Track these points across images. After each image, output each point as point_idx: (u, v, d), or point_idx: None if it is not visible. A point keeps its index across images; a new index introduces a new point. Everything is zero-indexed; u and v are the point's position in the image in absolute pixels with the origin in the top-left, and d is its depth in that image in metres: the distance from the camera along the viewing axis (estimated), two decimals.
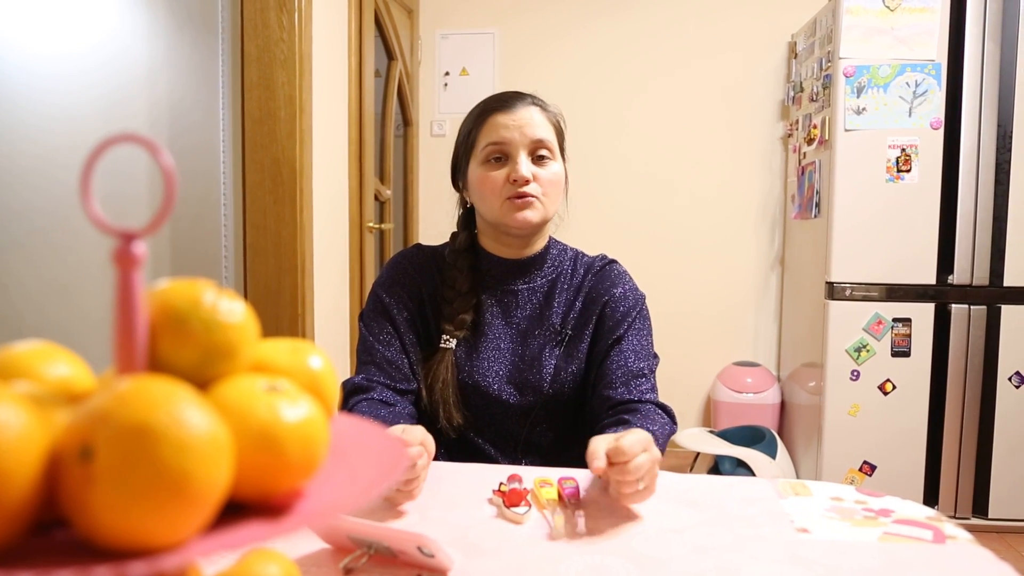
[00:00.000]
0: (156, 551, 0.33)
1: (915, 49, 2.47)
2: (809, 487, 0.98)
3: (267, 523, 0.38)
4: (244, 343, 0.42)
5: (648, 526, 0.86)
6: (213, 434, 0.34)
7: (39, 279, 1.99)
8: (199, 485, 0.33)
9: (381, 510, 0.90)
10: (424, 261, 1.26)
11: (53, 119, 1.95)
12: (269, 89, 2.09)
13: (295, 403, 0.41)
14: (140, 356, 0.38)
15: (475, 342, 1.21)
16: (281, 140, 2.10)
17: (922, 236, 2.51)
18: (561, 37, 3.29)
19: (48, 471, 0.33)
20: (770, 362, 3.27)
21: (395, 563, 0.75)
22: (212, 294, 0.41)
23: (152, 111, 2.11)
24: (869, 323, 2.54)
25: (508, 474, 0.98)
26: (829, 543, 0.82)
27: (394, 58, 3.01)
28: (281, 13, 2.07)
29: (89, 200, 0.36)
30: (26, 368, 0.42)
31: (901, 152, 2.49)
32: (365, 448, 0.46)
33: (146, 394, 0.34)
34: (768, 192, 3.25)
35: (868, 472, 2.58)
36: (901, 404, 2.55)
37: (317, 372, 0.47)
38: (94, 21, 2.05)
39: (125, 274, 0.37)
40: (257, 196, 2.12)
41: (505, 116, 1.17)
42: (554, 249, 1.27)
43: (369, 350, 1.19)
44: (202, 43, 2.09)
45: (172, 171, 0.37)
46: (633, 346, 1.19)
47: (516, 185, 1.15)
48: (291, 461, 0.39)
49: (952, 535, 0.83)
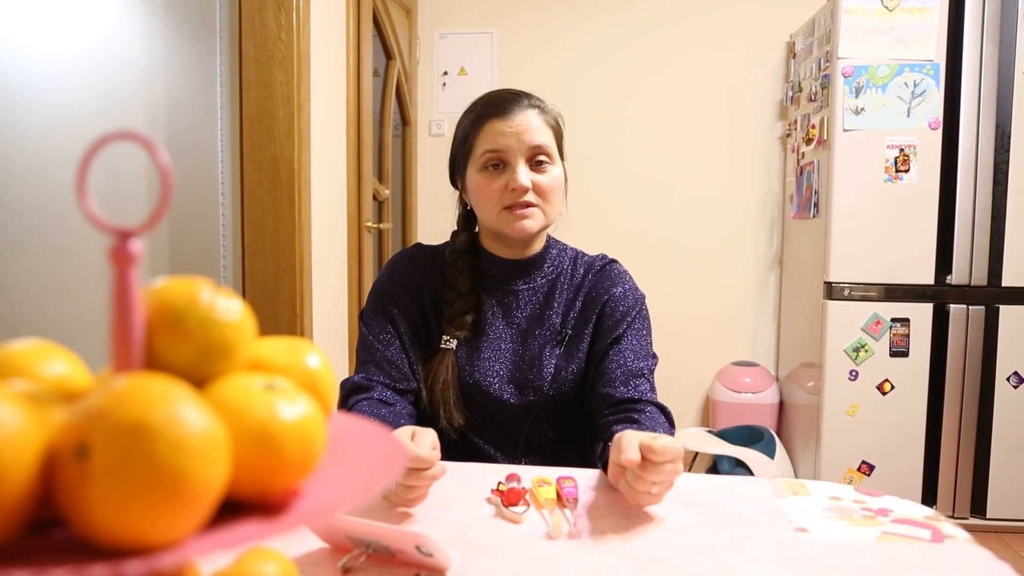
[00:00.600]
0: (153, 549, 0.33)
1: (914, 49, 2.47)
2: (808, 487, 0.98)
3: (264, 522, 0.38)
4: (241, 341, 0.42)
5: (647, 525, 0.86)
6: (210, 432, 0.34)
7: (37, 278, 1.99)
8: (196, 483, 0.33)
9: (380, 509, 0.90)
10: (425, 261, 1.26)
11: (51, 118, 1.95)
12: (267, 88, 2.09)
13: (292, 402, 0.41)
14: (137, 354, 0.38)
15: (476, 342, 1.21)
16: (279, 140, 2.10)
17: (920, 236, 2.51)
18: (560, 37, 3.29)
19: (44, 469, 0.33)
20: (769, 362, 3.27)
21: (393, 562, 0.75)
22: (209, 292, 0.41)
23: (150, 110, 2.11)
24: (867, 323, 2.54)
25: (506, 473, 0.98)
26: (827, 542, 0.82)
27: (392, 58, 3.01)
28: (279, 12, 2.07)
29: (85, 197, 0.36)
30: (22, 366, 0.42)
31: (899, 152, 2.49)
32: (363, 447, 0.46)
33: (143, 392, 0.34)
34: (766, 192, 3.25)
35: (867, 472, 2.58)
36: (899, 404, 2.55)
37: (315, 371, 0.47)
38: (92, 21, 2.05)
39: (121, 272, 0.37)
40: (255, 196, 2.12)
41: (502, 123, 1.16)
42: (554, 249, 1.27)
43: (369, 349, 1.19)
44: (200, 43, 2.09)
45: (168, 168, 0.36)
46: (632, 345, 1.19)
47: (515, 194, 1.15)
48: (288, 460, 0.39)
49: (950, 534, 0.83)
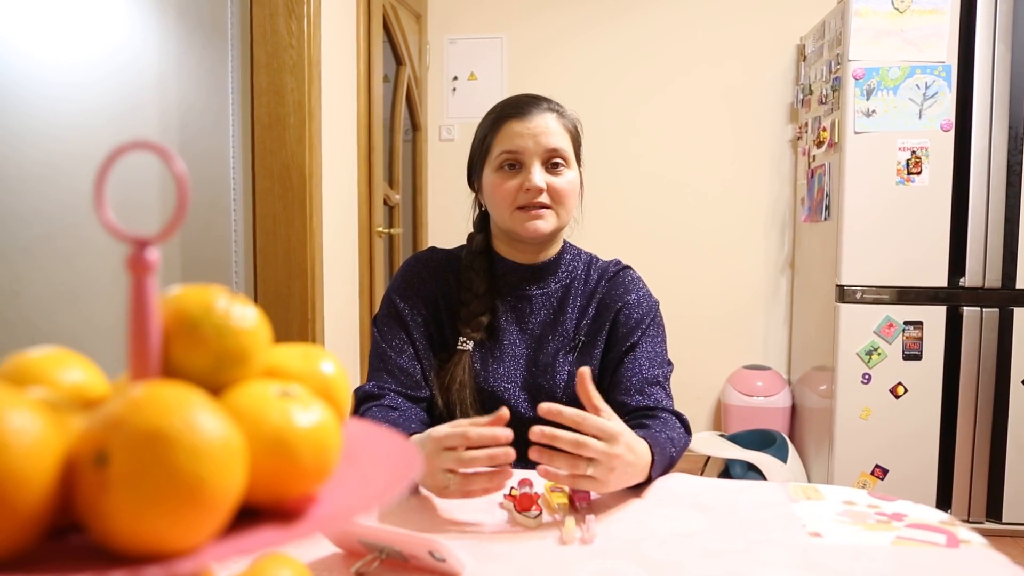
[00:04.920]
0: (171, 556, 0.33)
1: (925, 51, 2.46)
2: (821, 491, 0.98)
3: (280, 528, 0.38)
4: (256, 348, 0.42)
5: (659, 530, 0.86)
6: (227, 439, 0.34)
7: (48, 286, 2.00)
8: (213, 490, 0.33)
9: (394, 515, 0.90)
10: (438, 264, 1.26)
11: (63, 127, 1.96)
12: (278, 95, 2.10)
13: (308, 408, 0.41)
14: (154, 362, 0.38)
15: (490, 347, 1.21)
16: (290, 146, 2.11)
17: (933, 238, 2.49)
18: (569, 42, 3.30)
19: (63, 476, 0.33)
20: (780, 366, 3.26)
21: (407, 567, 0.75)
22: (225, 300, 0.41)
23: (162, 118, 2.12)
24: (880, 326, 2.52)
25: (519, 479, 0.98)
26: (841, 547, 0.81)
27: (403, 63, 3.02)
28: (290, 19, 2.08)
29: (103, 207, 0.36)
30: (40, 374, 0.42)
31: (911, 154, 2.48)
32: (377, 453, 0.46)
33: (160, 400, 0.34)
34: (777, 195, 3.24)
35: (880, 476, 2.56)
36: (913, 407, 2.53)
37: (329, 377, 0.47)
38: (105, 29, 2.06)
39: (139, 280, 0.37)
40: (267, 201, 2.13)
41: (520, 124, 1.16)
42: (568, 254, 1.27)
43: (382, 357, 1.19)
44: (212, 49, 2.10)
45: (185, 178, 0.37)
46: (647, 353, 1.19)
47: (529, 195, 1.15)
48: (304, 466, 0.39)
49: (966, 539, 0.83)
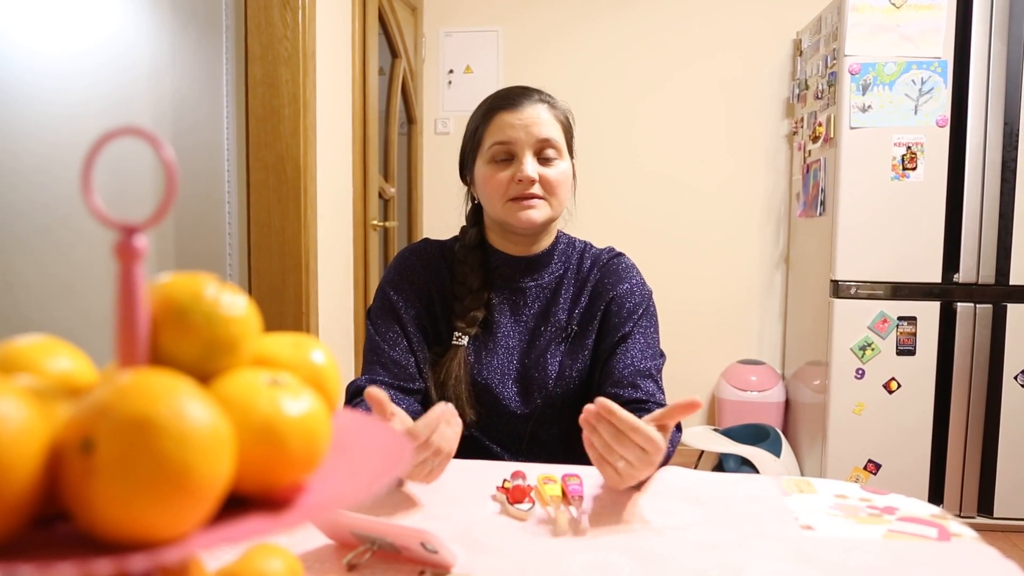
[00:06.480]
0: (157, 544, 0.33)
1: (921, 46, 2.46)
2: (813, 484, 0.98)
3: (269, 517, 0.38)
4: (246, 337, 0.42)
5: (652, 523, 0.86)
6: (214, 427, 0.34)
7: (43, 277, 1.99)
8: (200, 478, 0.33)
9: (385, 506, 0.90)
10: (432, 256, 1.25)
11: (57, 118, 1.95)
12: (273, 87, 2.09)
13: (297, 397, 0.41)
14: (142, 349, 0.38)
15: (485, 340, 1.20)
16: (285, 138, 2.10)
17: (928, 234, 2.50)
18: (565, 35, 3.29)
19: (49, 464, 0.33)
20: (774, 360, 3.26)
21: (398, 559, 0.75)
22: (214, 287, 0.41)
23: (156, 109, 2.11)
24: (874, 321, 2.53)
25: (512, 471, 0.98)
26: (833, 540, 0.81)
27: (398, 56, 3.01)
28: (285, 11, 2.07)
29: (90, 193, 0.36)
30: (28, 362, 0.42)
31: (907, 150, 2.48)
32: (367, 442, 0.46)
33: (147, 387, 0.34)
34: (773, 190, 3.24)
35: (873, 470, 2.57)
36: (906, 402, 2.54)
37: (319, 366, 0.47)
38: (98, 20, 2.05)
39: (126, 267, 0.37)
40: (261, 194, 2.12)
41: (511, 115, 1.16)
42: (562, 243, 1.27)
43: (375, 350, 1.19)
44: (206, 41, 2.09)
45: (173, 164, 0.36)
46: (640, 344, 1.18)
47: (521, 186, 1.15)
48: (293, 455, 0.39)
49: (957, 533, 0.83)
